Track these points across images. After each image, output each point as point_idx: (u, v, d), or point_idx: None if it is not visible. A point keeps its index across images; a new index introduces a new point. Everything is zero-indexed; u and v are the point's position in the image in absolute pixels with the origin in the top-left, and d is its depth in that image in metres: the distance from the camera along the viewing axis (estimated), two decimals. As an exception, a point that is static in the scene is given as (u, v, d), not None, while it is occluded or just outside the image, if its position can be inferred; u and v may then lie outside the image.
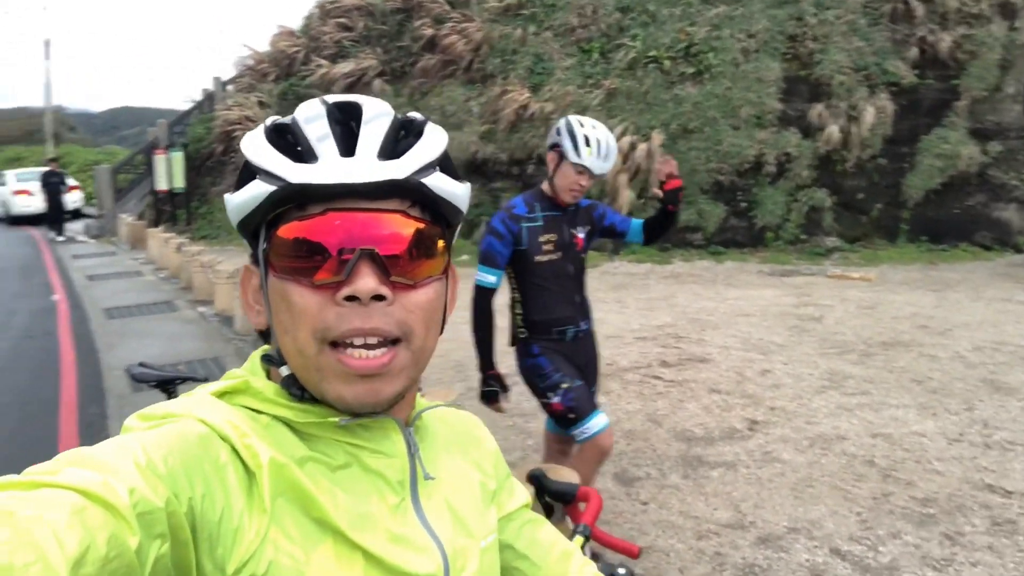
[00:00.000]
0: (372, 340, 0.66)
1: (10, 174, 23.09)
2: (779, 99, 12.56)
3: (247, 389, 0.70)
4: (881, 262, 11.24)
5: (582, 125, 2.84)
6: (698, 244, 12.29)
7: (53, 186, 17.76)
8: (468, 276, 9.34)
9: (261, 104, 16.25)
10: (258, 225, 0.70)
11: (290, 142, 0.68)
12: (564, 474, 2.91)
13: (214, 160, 16.82)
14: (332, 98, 0.71)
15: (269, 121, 0.72)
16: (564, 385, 2.90)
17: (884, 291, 9.23)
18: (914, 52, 12.33)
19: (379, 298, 0.65)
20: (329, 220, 0.66)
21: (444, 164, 0.72)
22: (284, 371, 0.71)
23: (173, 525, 0.56)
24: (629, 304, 8.85)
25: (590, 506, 1.56)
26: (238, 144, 0.70)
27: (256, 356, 0.75)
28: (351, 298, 0.65)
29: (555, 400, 2.90)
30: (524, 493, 0.94)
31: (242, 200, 0.68)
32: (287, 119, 0.70)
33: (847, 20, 12.71)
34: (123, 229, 16.20)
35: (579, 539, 1.47)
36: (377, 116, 0.69)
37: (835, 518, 3.58)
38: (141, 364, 3.17)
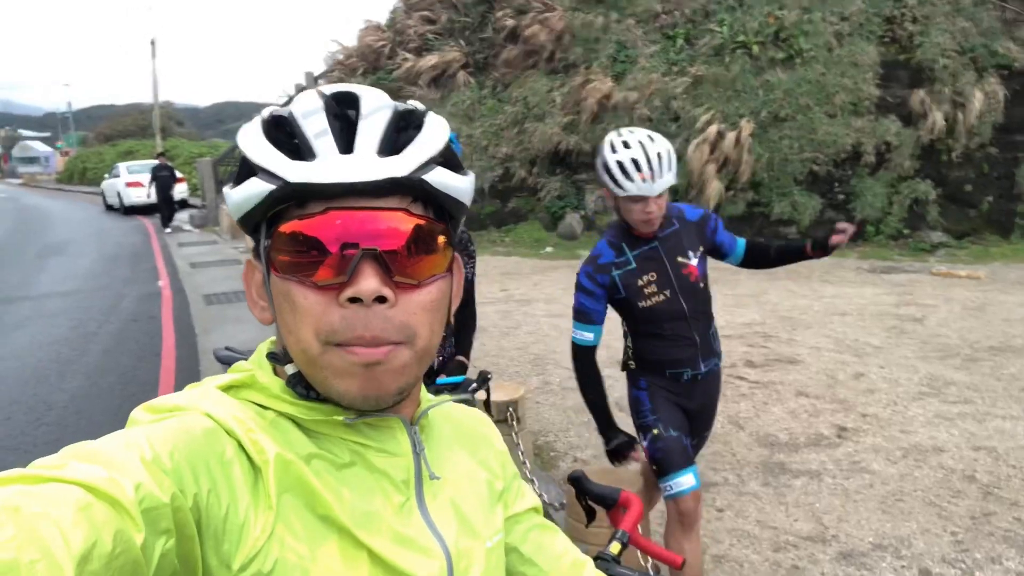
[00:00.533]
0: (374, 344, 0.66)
1: (122, 167, 24.55)
2: (876, 85, 11.92)
3: (253, 384, 0.70)
4: (992, 259, 10.51)
5: (614, 150, 2.38)
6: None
7: (163, 180, 18.42)
8: (553, 268, 9.33)
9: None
10: (259, 221, 0.69)
11: (288, 137, 0.66)
12: (620, 476, 2.83)
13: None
14: (330, 89, 0.69)
15: (266, 113, 0.69)
16: (655, 431, 2.57)
17: (995, 291, 8.62)
18: (1029, 32, 11.44)
19: (381, 299, 0.64)
20: (330, 219, 0.64)
21: (446, 157, 0.70)
22: (290, 369, 0.70)
23: (178, 521, 0.56)
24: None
25: (631, 512, 1.50)
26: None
27: (262, 349, 0.75)
28: (354, 299, 0.64)
29: (644, 443, 2.62)
30: (532, 496, 0.92)
31: (241, 198, 0.67)
32: (285, 111, 0.68)
33: (951, 0, 11.91)
34: (224, 219, 16.91)
35: (616, 545, 1.41)
36: (377, 109, 0.67)
37: (927, 536, 3.35)
38: (227, 348, 3.30)
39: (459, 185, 0.70)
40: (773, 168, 11.98)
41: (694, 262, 2.56)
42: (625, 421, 2.75)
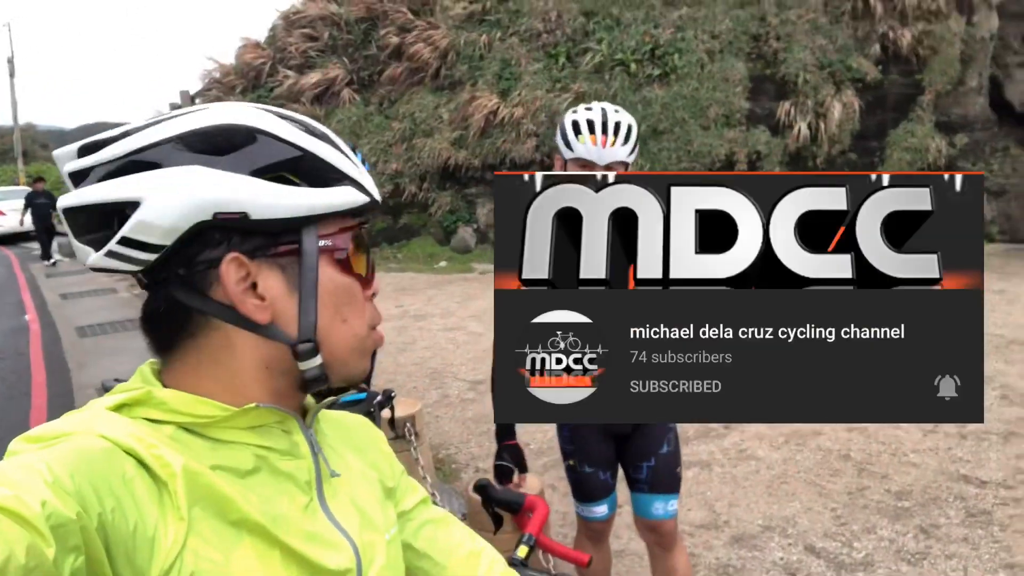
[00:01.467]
0: None
1: None
2: (746, 98, 12.67)
3: (149, 400, 0.68)
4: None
5: (575, 111, 2.25)
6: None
7: (41, 208, 16.15)
8: (447, 282, 9.23)
9: (230, 117, 16.10)
10: (302, 225, 0.72)
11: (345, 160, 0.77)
12: (528, 483, 2.85)
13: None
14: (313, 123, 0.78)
15: (321, 134, 0.76)
16: (571, 462, 2.42)
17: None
18: (876, 49, 12.51)
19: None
20: (362, 230, 0.78)
21: None
22: (315, 362, 0.73)
23: (86, 540, 0.55)
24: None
25: (536, 515, 1.53)
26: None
27: (145, 370, 0.74)
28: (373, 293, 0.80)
29: (565, 466, 2.48)
30: (421, 490, 0.95)
31: (331, 201, 0.72)
32: (326, 134, 0.77)
33: (809, 19, 12.86)
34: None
35: (524, 549, 1.43)
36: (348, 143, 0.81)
37: (810, 515, 3.56)
38: (116, 380, 3.11)
39: None
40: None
41: None
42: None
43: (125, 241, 0.67)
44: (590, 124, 2.18)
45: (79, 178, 0.69)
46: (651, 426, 2.40)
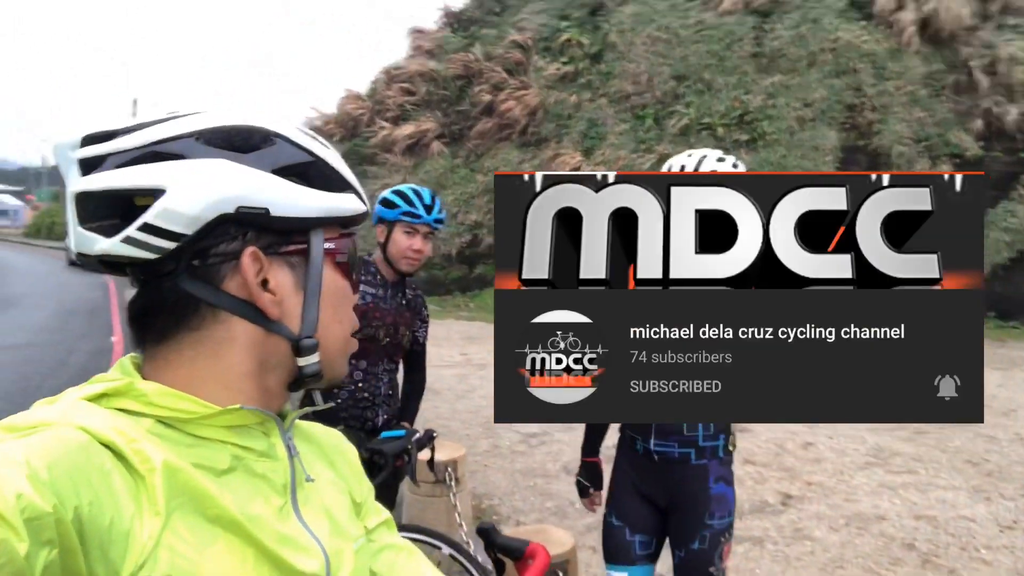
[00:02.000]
0: None
1: None
2: (836, 167, 12.35)
3: (129, 391, 0.67)
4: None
5: (678, 156, 2.23)
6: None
7: None
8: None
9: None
10: (310, 226, 0.75)
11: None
12: (550, 536, 2.77)
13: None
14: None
15: (325, 143, 0.80)
16: (605, 513, 2.37)
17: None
18: (979, 124, 12.03)
19: None
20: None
21: None
22: (314, 359, 0.75)
23: (60, 533, 0.55)
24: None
25: (535, 564, 1.47)
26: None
27: (125, 362, 0.73)
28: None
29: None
30: (385, 512, 0.93)
31: (340, 206, 0.77)
32: (328, 145, 0.80)
33: (907, 91, 12.53)
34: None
35: None
36: None
37: (862, 604, 3.31)
38: None
39: None
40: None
41: None
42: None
43: (147, 228, 0.66)
44: (681, 169, 2.16)
45: (91, 165, 0.68)
46: (686, 513, 2.21)
